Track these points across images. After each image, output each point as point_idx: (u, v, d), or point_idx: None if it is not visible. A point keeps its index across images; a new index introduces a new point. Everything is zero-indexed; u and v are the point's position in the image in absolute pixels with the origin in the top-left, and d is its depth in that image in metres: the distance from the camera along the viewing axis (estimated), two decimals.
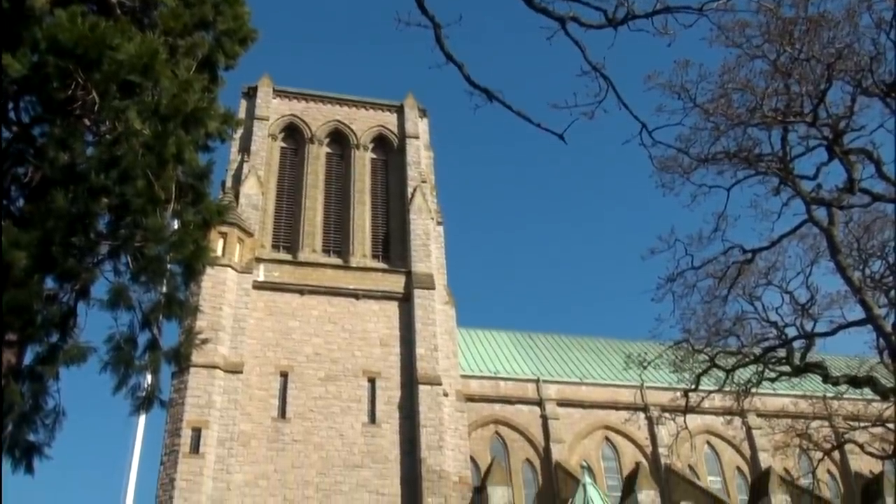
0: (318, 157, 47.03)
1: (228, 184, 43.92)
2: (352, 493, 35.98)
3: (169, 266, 12.13)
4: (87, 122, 11.36)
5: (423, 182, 46.43)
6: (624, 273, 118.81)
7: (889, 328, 21.65)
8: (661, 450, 45.20)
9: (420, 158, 47.57)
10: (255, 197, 43.13)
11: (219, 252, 38.34)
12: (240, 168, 44.35)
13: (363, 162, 47.45)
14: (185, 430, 34.76)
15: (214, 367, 36.46)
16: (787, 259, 26.45)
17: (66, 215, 10.79)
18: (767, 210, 24.18)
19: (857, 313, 23.39)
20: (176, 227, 12.45)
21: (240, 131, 43.62)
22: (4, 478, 10.77)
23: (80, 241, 11.14)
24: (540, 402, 46.17)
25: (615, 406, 47.03)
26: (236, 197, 42.43)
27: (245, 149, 44.94)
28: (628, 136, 19.18)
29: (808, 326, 25.64)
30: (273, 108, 47.60)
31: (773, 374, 26.31)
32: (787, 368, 25.45)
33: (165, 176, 11.53)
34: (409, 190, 45.67)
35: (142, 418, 26.98)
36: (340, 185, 46.52)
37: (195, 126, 12.07)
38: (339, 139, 48.40)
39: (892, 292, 23.84)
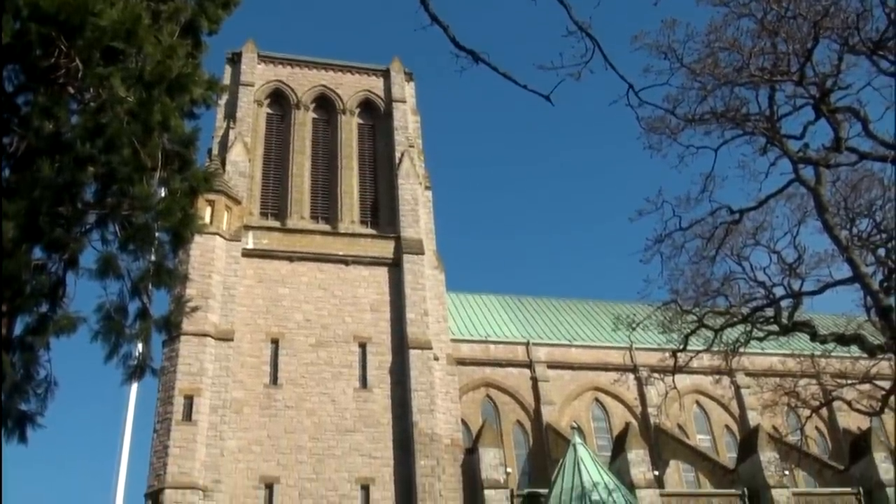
0: (304, 122, 46.77)
1: (215, 151, 43.65)
2: (345, 456, 36.24)
3: (157, 234, 12.10)
4: (71, 89, 11.25)
5: (411, 146, 46.27)
6: (612, 235, 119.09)
7: (876, 286, 21.84)
8: (650, 410, 45.61)
9: (407, 123, 47.35)
10: (242, 164, 42.93)
11: (207, 220, 38.20)
12: (226, 135, 44.07)
13: (350, 127, 47.21)
14: (178, 398, 34.85)
15: (205, 334, 36.50)
16: (775, 219, 26.56)
17: (52, 185, 10.73)
18: (755, 170, 24.27)
19: (845, 272, 23.57)
20: (163, 195, 12.40)
21: (225, 97, 43.34)
22: None
23: (68, 210, 11.09)
24: (530, 365, 46.47)
25: (604, 367, 47.38)
26: (223, 164, 42.22)
27: (231, 115, 44.65)
28: (615, 97, 19.09)
29: (796, 285, 25.80)
30: (258, 74, 47.23)
31: (761, 334, 26.50)
32: (774, 327, 25.63)
33: (151, 143, 11.46)
34: (397, 155, 45.52)
35: (134, 386, 27.04)
36: (327, 150, 46.31)
37: (180, 92, 11.97)
38: (326, 104, 48.11)
39: (879, 251, 23.98)
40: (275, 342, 38.74)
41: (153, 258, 12.21)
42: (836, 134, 21.49)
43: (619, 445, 38.73)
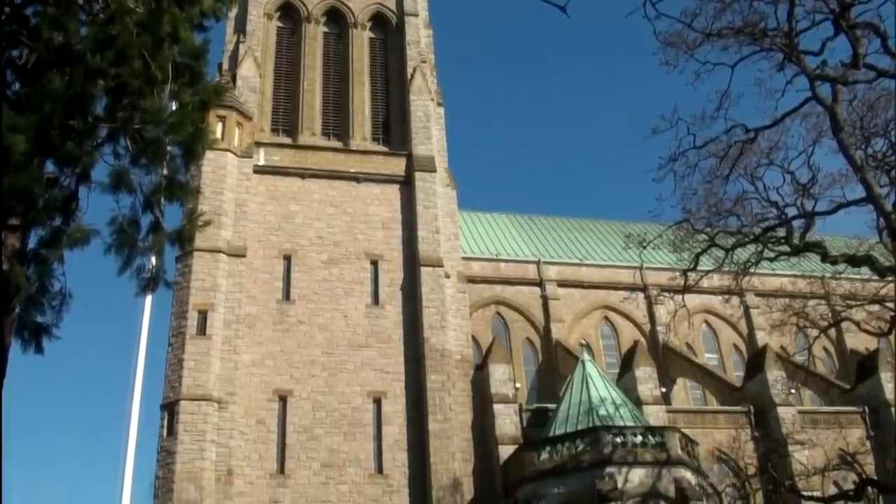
0: (315, 37, 46.06)
1: (225, 66, 43.18)
2: (357, 371, 36.80)
3: (168, 148, 12.08)
4: (79, 0, 11.11)
5: (423, 62, 45.60)
6: (625, 153, 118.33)
7: (889, 207, 21.71)
8: (659, 328, 46.01)
9: (419, 37, 46.56)
10: (253, 79, 42.49)
11: (218, 136, 38.03)
12: (236, 50, 43.51)
13: (361, 42, 46.50)
14: (192, 313, 35.30)
15: (218, 251, 36.75)
16: (790, 138, 26.33)
17: (63, 98, 10.68)
18: (771, 88, 23.92)
19: (858, 193, 23.40)
20: (174, 108, 12.34)
21: (234, 10, 42.52)
22: (14, 361, 11.02)
23: (79, 124, 11.06)
24: (540, 283, 46.73)
25: (615, 286, 47.62)
26: (233, 80, 41.72)
27: (241, 30, 44.00)
28: (632, 9, 18.78)
29: (809, 206, 25.65)
30: None
31: (772, 254, 26.48)
32: (786, 248, 25.59)
33: (161, 56, 11.35)
34: (409, 70, 44.92)
35: (148, 300, 27.42)
36: (339, 66, 45.73)
37: (189, 4, 11.81)
38: (337, 18, 47.26)
39: (894, 172, 23.77)
40: (287, 258, 38.98)
41: (165, 172, 12.22)
42: (854, 50, 21.13)
43: (627, 363, 39.16)
